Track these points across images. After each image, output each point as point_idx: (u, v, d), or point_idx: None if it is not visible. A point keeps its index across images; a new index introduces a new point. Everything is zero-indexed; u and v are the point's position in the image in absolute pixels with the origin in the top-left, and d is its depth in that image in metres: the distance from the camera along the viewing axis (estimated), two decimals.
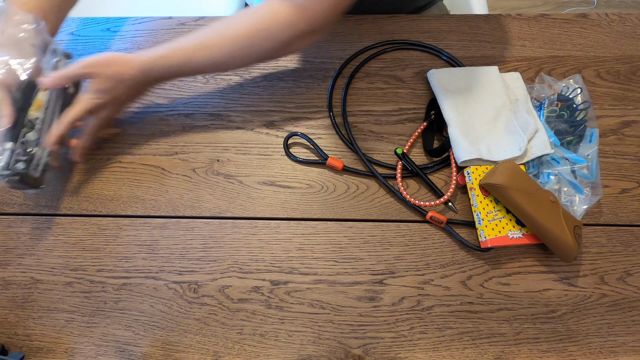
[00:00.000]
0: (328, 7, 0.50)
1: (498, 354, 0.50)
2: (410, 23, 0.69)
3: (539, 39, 0.68)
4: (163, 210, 0.58)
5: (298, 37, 0.52)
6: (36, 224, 0.58)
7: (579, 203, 0.55)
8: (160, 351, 0.52)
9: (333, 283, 0.54)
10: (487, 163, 0.56)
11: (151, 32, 0.71)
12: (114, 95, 0.54)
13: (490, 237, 0.52)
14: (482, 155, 0.55)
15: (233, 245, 0.56)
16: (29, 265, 0.56)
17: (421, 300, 0.53)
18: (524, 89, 0.60)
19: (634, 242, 0.55)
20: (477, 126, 0.58)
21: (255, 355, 0.51)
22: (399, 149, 0.58)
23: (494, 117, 0.58)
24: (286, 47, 0.54)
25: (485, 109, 0.59)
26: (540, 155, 0.55)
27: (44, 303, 0.55)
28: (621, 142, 0.60)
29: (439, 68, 0.63)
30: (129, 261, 0.56)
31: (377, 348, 0.51)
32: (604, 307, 0.52)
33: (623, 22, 0.69)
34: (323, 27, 0.53)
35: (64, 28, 0.72)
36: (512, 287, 0.53)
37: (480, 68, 0.62)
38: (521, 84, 0.61)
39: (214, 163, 0.61)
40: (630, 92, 0.63)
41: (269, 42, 0.52)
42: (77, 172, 0.61)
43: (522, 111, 0.57)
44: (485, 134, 0.57)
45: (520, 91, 0.60)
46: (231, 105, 0.65)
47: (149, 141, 0.62)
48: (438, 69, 0.62)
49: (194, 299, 0.54)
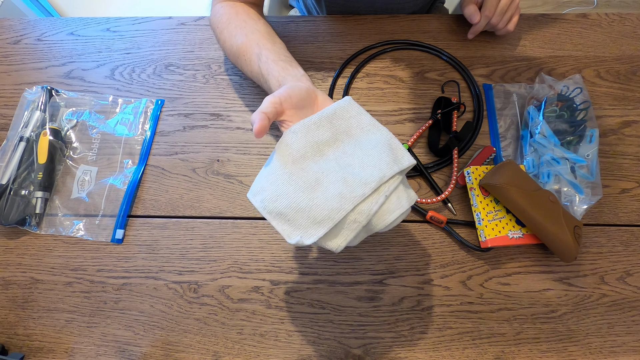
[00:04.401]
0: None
1: (498, 354, 0.50)
2: (410, 23, 0.69)
3: (539, 39, 0.68)
4: (163, 210, 0.58)
5: None
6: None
7: (579, 203, 0.55)
8: (160, 351, 0.52)
9: (333, 283, 0.54)
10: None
11: (151, 32, 0.71)
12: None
13: (490, 237, 0.52)
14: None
15: (233, 245, 0.56)
16: (29, 265, 0.56)
17: (421, 300, 0.53)
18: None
19: (634, 242, 0.55)
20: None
21: (255, 355, 0.51)
22: (404, 145, 0.58)
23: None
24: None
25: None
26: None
27: (44, 303, 0.55)
28: (621, 142, 0.60)
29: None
30: (129, 261, 0.56)
31: (377, 348, 0.51)
32: (604, 307, 0.52)
33: (623, 22, 0.69)
34: None
35: (64, 28, 0.72)
36: (512, 287, 0.53)
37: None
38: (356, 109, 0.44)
39: (214, 163, 0.61)
40: (630, 92, 0.63)
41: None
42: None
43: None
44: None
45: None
46: (231, 105, 0.65)
47: None
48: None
49: (194, 299, 0.54)
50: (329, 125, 0.42)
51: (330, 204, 0.37)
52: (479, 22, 0.63)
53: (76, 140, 0.63)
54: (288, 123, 0.42)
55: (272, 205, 0.38)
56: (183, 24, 0.71)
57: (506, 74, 0.65)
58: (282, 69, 0.49)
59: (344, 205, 0.37)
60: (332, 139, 0.41)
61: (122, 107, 0.65)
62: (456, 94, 0.64)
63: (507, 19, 0.63)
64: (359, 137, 0.42)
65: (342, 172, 0.39)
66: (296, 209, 0.37)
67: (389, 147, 0.40)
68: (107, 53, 0.70)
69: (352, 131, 0.42)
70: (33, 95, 0.65)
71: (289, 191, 0.38)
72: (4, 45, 0.71)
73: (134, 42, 0.70)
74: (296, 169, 0.39)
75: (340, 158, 0.40)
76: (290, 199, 0.37)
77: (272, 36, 0.56)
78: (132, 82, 0.67)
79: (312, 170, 0.39)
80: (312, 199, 0.37)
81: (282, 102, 0.41)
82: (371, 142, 0.41)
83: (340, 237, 0.38)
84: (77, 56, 0.70)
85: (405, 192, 0.40)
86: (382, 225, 0.38)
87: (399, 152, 0.40)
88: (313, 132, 0.41)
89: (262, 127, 0.38)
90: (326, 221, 0.37)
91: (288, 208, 0.37)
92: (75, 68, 0.69)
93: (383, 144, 0.40)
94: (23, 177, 0.59)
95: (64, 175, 0.61)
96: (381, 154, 0.40)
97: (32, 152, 0.60)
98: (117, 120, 0.64)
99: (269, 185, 0.39)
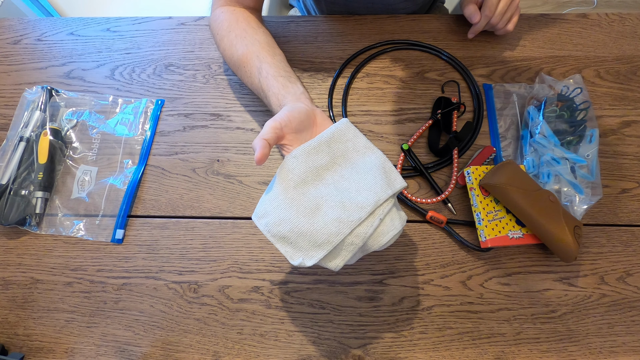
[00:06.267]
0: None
1: (498, 354, 0.50)
2: (410, 23, 0.69)
3: (539, 39, 0.68)
4: (163, 210, 0.58)
5: None
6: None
7: (579, 203, 0.55)
8: (160, 351, 0.52)
9: (333, 283, 0.54)
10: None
11: (151, 32, 0.71)
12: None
13: (490, 237, 0.52)
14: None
15: (233, 245, 0.56)
16: (29, 265, 0.56)
17: (421, 300, 0.53)
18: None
19: (634, 242, 0.55)
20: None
21: (255, 355, 0.51)
22: (405, 145, 0.58)
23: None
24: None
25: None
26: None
27: (44, 303, 0.55)
28: (621, 142, 0.60)
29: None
30: (129, 261, 0.56)
31: (377, 348, 0.51)
32: (604, 307, 0.52)
33: (623, 22, 0.69)
34: None
35: (64, 28, 0.72)
36: (512, 287, 0.53)
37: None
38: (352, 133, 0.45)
39: (214, 163, 0.61)
40: (630, 92, 0.63)
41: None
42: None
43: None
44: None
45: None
46: (231, 105, 0.65)
47: None
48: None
49: (194, 299, 0.54)
50: (328, 149, 0.43)
51: (329, 228, 0.39)
52: (479, 21, 0.63)
53: (76, 140, 0.63)
54: (289, 147, 0.43)
55: (275, 229, 0.40)
56: (183, 24, 0.71)
57: (506, 74, 0.65)
58: (283, 86, 0.50)
59: (342, 229, 0.39)
60: (330, 162, 0.43)
61: (122, 107, 0.65)
62: (456, 94, 0.64)
63: (507, 18, 0.63)
64: (355, 160, 0.44)
65: (340, 196, 0.41)
66: (298, 233, 0.39)
67: (382, 170, 0.42)
68: (107, 53, 0.70)
69: (349, 154, 0.44)
70: (33, 95, 0.65)
71: (291, 216, 0.40)
72: (4, 45, 0.71)
73: (134, 42, 0.70)
74: (297, 194, 0.41)
75: (338, 182, 0.42)
76: (292, 223, 0.40)
77: (272, 47, 0.56)
78: (132, 82, 0.67)
79: (312, 195, 0.41)
80: (313, 224, 0.40)
81: (282, 127, 0.42)
82: (366, 165, 0.43)
83: (339, 258, 0.40)
84: (77, 56, 0.70)
85: (397, 213, 0.42)
86: (377, 246, 0.41)
87: (392, 174, 0.43)
88: (313, 157, 0.43)
89: (263, 155, 0.39)
90: (326, 244, 0.39)
91: (290, 232, 0.39)
92: (75, 68, 0.69)
93: (377, 166, 0.43)
94: (23, 177, 0.59)
95: (64, 175, 0.61)
96: (376, 178, 0.42)
97: (32, 152, 0.60)
98: (117, 120, 0.64)
99: (272, 210, 0.41)
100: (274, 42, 0.58)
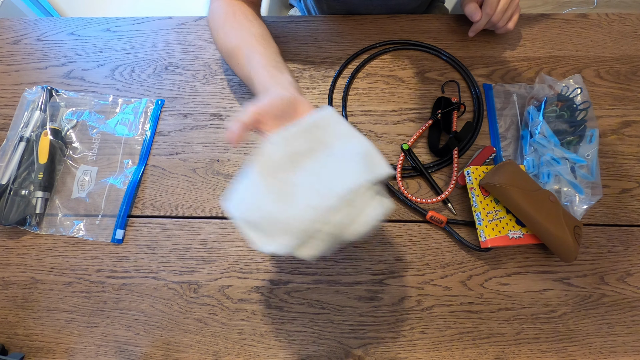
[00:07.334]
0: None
1: (498, 354, 0.50)
2: (410, 23, 0.69)
3: (539, 39, 0.68)
4: (163, 210, 0.58)
5: None
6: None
7: (579, 203, 0.55)
8: (160, 351, 0.52)
9: (333, 283, 0.54)
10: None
11: (151, 32, 0.71)
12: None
13: (490, 237, 0.52)
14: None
15: (233, 245, 0.56)
16: (29, 265, 0.56)
17: (421, 300, 0.53)
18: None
19: (634, 242, 0.55)
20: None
21: (255, 355, 0.51)
22: (405, 145, 0.58)
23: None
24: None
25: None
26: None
27: (44, 303, 0.55)
28: (621, 142, 0.60)
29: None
30: (129, 261, 0.56)
31: (377, 348, 0.51)
32: (604, 307, 0.52)
33: (623, 22, 0.69)
34: None
35: (64, 28, 0.72)
36: (512, 287, 0.53)
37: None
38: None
39: (214, 163, 0.61)
40: (630, 92, 0.63)
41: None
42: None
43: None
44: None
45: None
46: (231, 105, 0.65)
47: None
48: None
49: (194, 299, 0.54)
50: (307, 135, 0.42)
51: (302, 215, 0.38)
52: (479, 20, 0.63)
53: (76, 140, 0.63)
54: (267, 132, 0.42)
55: (247, 215, 0.39)
56: (183, 24, 0.71)
57: (506, 74, 0.65)
58: (270, 75, 0.49)
59: (315, 216, 0.37)
60: (309, 149, 0.42)
61: (122, 107, 0.65)
62: (456, 94, 0.64)
63: (507, 17, 0.63)
64: (335, 146, 0.42)
65: (317, 183, 0.39)
66: (270, 220, 0.38)
67: (364, 156, 0.40)
68: (107, 53, 0.70)
69: (329, 141, 0.42)
70: (33, 95, 0.65)
71: (265, 203, 0.38)
72: (4, 45, 0.71)
73: (134, 42, 0.70)
74: (273, 181, 0.40)
75: (315, 169, 0.41)
76: (265, 210, 0.38)
77: (266, 39, 0.56)
78: (132, 82, 0.67)
79: (288, 182, 0.40)
80: (286, 211, 0.38)
81: (261, 112, 0.41)
82: (347, 151, 0.41)
83: (312, 247, 0.38)
84: (77, 56, 0.70)
85: (379, 201, 0.40)
86: (352, 235, 0.39)
87: (375, 160, 0.40)
88: (291, 143, 0.41)
89: (235, 134, 0.39)
90: (298, 232, 0.37)
91: (262, 219, 0.38)
92: (75, 68, 0.69)
93: (358, 153, 0.41)
94: (23, 177, 0.59)
95: (64, 175, 0.61)
96: (355, 164, 0.40)
97: (32, 152, 0.60)
98: (117, 120, 0.64)
99: (246, 196, 0.40)
100: (268, 35, 0.57)
